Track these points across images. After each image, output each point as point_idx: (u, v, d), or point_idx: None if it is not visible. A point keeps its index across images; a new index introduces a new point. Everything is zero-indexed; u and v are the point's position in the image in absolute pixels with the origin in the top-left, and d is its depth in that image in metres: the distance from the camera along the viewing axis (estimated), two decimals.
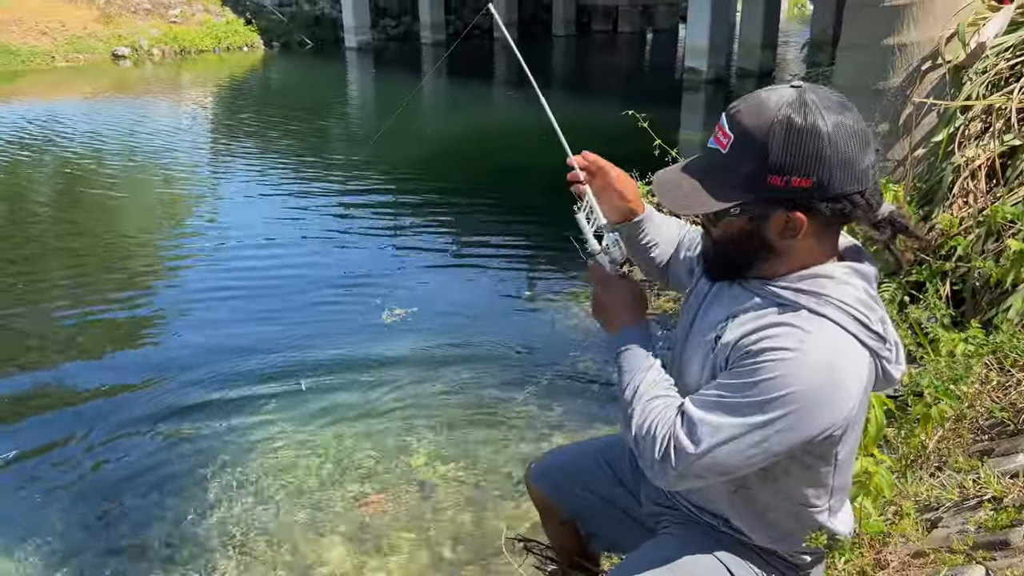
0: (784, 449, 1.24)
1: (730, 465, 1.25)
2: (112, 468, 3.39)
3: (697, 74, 15.44)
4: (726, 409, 1.23)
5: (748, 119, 1.21)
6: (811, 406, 1.20)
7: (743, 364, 1.24)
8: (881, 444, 2.45)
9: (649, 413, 1.31)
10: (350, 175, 8.89)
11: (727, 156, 1.23)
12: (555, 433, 3.56)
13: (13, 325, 4.84)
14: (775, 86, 1.25)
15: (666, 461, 1.26)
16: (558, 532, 1.97)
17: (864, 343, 1.24)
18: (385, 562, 2.81)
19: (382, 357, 4.30)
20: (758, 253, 1.29)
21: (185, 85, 17.04)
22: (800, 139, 1.17)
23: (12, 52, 18.97)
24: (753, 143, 1.20)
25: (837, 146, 1.17)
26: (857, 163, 1.19)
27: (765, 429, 1.21)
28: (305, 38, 23.48)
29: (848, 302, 1.24)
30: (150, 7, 22.29)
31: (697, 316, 1.42)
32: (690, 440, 1.24)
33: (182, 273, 5.88)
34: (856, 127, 1.19)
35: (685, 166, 1.33)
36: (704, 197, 1.26)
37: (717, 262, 1.36)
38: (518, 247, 6.37)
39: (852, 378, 1.22)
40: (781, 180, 1.19)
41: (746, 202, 1.23)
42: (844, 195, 1.20)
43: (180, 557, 2.85)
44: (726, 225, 1.29)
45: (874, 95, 3.80)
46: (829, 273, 1.26)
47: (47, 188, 8.55)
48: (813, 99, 1.19)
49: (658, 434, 1.28)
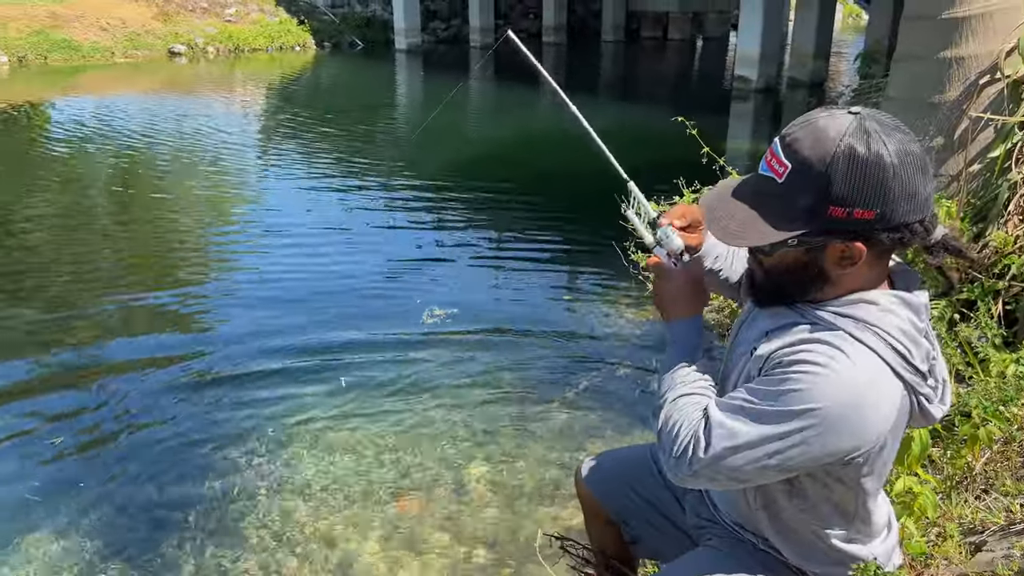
0: (799, 465, 1.23)
1: (743, 472, 1.24)
2: (153, 456, 3.47)
3: (747, 83, 15.28)
4: (747, 415, 1.23)
5: (807, 149, 1.17)
6: (832, 427, 1.18)
7: (773, 373, 1.23)
8: (926, 464, 2.41)
9: (676, 410, 1.33)
10: (395, 175, 8.98)
11: (784, 186, 1.19)
12: (592, 438, 3.55)
13: (62, 308, 4.99)
14: (831, 111, 1.20)
15: (681, 459, 1.28)
16: (601, 533, 1.97)
17: (900, 375, 1.22)
18: (419, 560, 2.84)
19: (422, 357, 4.34)
20: (812, 283, 1.26)
21: (238, 83, 17.38)
22: (864, 170, 1.13)
23: (74, 47, 19.55)
24: (813, 174, 1.16)
25: (900, 177, 1.14)
26: (920, 193, 1.17)
27: (781, 441, 1.20)
28: (356, 39, 23.78)
29: (890, 332, 1.22)
30: (207, 6, 22.78)
31: (740, 332, 1.43)
32: (705, 442, 1.25)
33: (226, 267, 6.00)
34: (918, 154, 1.16)
35: (735, 191, 1.29)
36: (761, 228, 1.22)
37: (767, 290, 1.34)
38: (559, 251, 6.37)
39: (879, 408, 1.20)
40: (843, 212, 1.16)
41: (805, 233, 1.19)
42: (906, 224, 1.18)
43: (218, 544, 2.91)
44: (781, 256, 1.26)
45: (929, 108, 3.73)
46: (874, 300, 1.24)
47: (102, 178, 8.79)
48: (875, 127, 1.15)
49: (680, 431, 1.30)
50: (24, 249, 6.24)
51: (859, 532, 1.41)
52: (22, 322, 4.84)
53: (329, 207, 7.63)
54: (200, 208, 7.68)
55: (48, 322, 4.83)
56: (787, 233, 1.20)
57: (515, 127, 12.40)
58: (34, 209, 7.37)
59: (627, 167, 1.61)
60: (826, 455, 1.21)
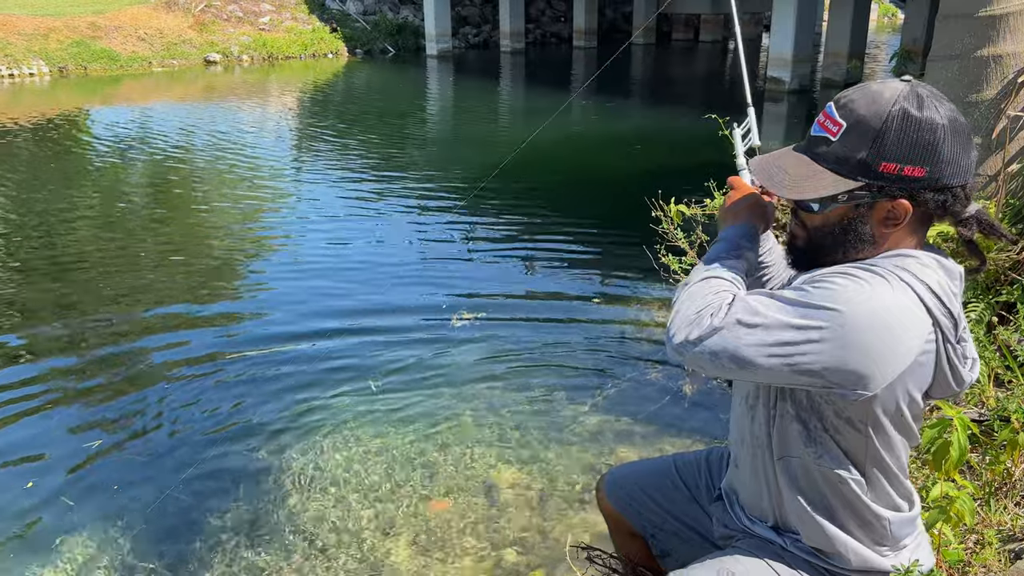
0: (806, 367, 1.20)
1: (746, 354, 1.21)
2: (185, 457, 3.52)
3: (780, 84, 15.15)
4: (773, 300, 1.23)
5: (863, 108, 1.23)
6: (852, 337, 1.17)
7: (805, 281, 1.26)
8: (964, 470, 2.37)
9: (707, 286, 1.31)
10: (427, 178, 9.04)
11: (838, 143, 1.25)
12: (622, 444, 3.54)
13: (100, 310, 5.09)
14: (884, 79, 1.28)
15: (693, 324, 1.25)
16: (626, 544, 1.95)
17: (933, 315, 1.23)
18: (448, 562, 2.84)
19: (451, 361, 4.35)
20: (853, 245, 1.30)
21: (272, 90, 17.62)
22: (918, 129, 1.20)
23: (113, 57, 19.98)
24: (868, 130, 1.22)
25: (949, 140, 1.20)
26: (965, 157, 1.23)
27: (798, 332, 1.19)
28: (388, 46, 23.99)
29: (927, 279, 1.24)
30: (242, 15, 23.14)
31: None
32: (724, 312, 1.23)
33: (259, 269, 6.07)
34: (964, 123, 1.23)
35: (784, 151, 1.34)
36: (815, 181, 1.27)
37: (809, 250, 1.36)
38: (590, 253, 6.36)
39: (903, 337, 1.20)
40: (895, 168, 1.21)
41: (856, 188, 1.24)
42: (949, 187, 1.23)
43: (250, 544, 2.94)
44: (828, 214, 1.30)
45: (966, 108, 3.66)
46: (912, 254, 1.27)
47: (141, 182, 8.96)
48: (926, 93, 1.22)
49: (700, 301, 1.27)
50: (65, 253, 6.37)
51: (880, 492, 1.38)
52: (62, 323, 4.95)
53: (361, 211, 7.70)
54: (235, 212, 7.79)
55: (86, 323, 4.93)
56: (839, 184, 1.25)
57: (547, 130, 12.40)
58: (77, 212, 7.55)
59: (663, 168, 1.63)
60: (835, 368, 1.19)
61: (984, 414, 2.56)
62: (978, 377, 2.74)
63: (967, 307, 3.09)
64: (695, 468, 1.78)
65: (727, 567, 1.48)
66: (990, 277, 3.19)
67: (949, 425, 1.77)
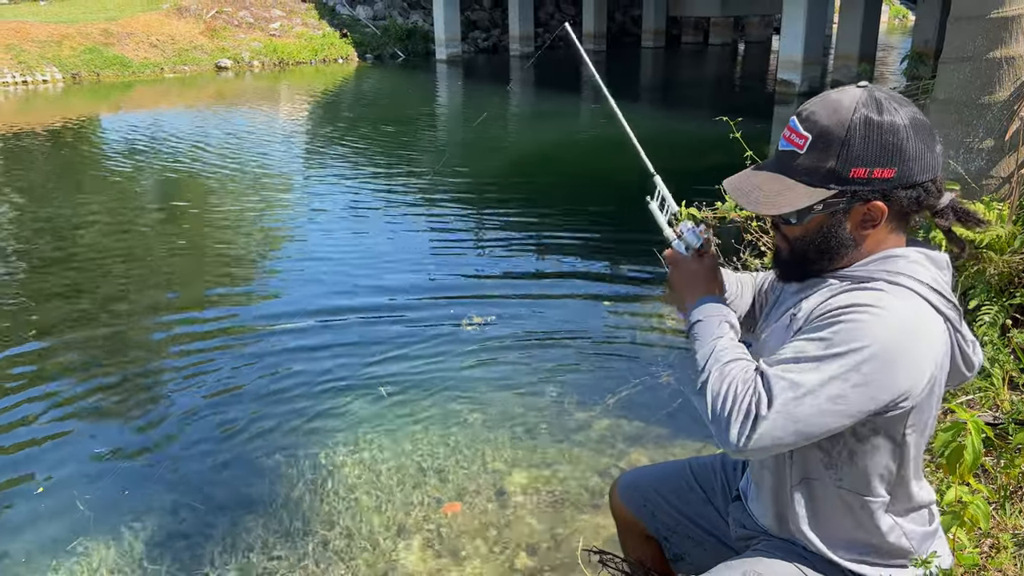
0: (859, 409, 1.22)
1: (808, 423, 1.22)
2: (199, 462, 3.54)
3: (790, 86, 15.11)
4: (803, 363, 1.23)
5: (825, 118, 1.27)
6: (889, 362, 1.20)
7: (821, 321, 1.26)
8: (978, 474, 2.35)
9: (726, 377, 1.29)
10: (434, 182, 9.05)
11: (806, 155, 1.28)
12: (633, 448, 3.53)
13: (114, 314, 5.12)
14: (842, 88, 1.31)
15: (745, 423, 1.23)
16: (638, 547, 1.94)
17: (940, 311, 1.27)
18: (460, 566, 2.84)
19: (461, 365, 4.36)
20: (837, 251, 1.33)
21: (282, 95, 17.71)
22: (881, 132, 1.23)
23: (126, 64, 20.12)
24: (834, 139, 1.25)
25: (913, 138, 1.24)
26: (931, 151, 1.26)
27: (842, 382, 1.20)
28: (397, 50, 24.07)
29: (922, 278, 1.28)
30: (252, 21, 23.26)
31: (772, 312, 1.48)
32: (768, 398, 1.22)
33: (269, 275, 6.10)
34: (924, 120, 1.26)
35: (755, 168, 1.37)
36: (790, 195, 1.30)
37: (793, 262, 1.39)
38: (600, 257, 6.35)
39: (929, 340, 1.25)
40: (865, 172, 1.25)
41: (830, 196, 1.27)
42: (920, 183, 1.27)
43: (263, 548, 2.95)
44: (807, 224, 1.33)
45: (978, 110, 3.65)
46: (901, 254, 1.31)
47: (153, 187, 9.02)
48: (883, 97, 1.26)
49: (736, 395, 1.26)
50: (78, 258, 6.41)
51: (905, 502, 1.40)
52: (71, 325, 4.98)
53: (370, 215, 7.72)
54: (245, 216, 7.83)
55: (96, 325, 4.96)
56: (813, 195, 1.28)
57: (555, 133, 12.41)
58: (88, 215, 7.60)
59: (668, 171, 1.62)
60: (884, 395, 1.22)
61: (999, 417, 2.55)
62: (993, 380, 2.74)
63: (981, 310, 3.07)
64: (710, 471, 1.78)
65: (753, 568, 1.48)
66: (1004, 280, 3.17)
67: (963, 429, 1.76)
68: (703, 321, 1.40)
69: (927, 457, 2.50)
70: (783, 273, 1.43)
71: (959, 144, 3.66)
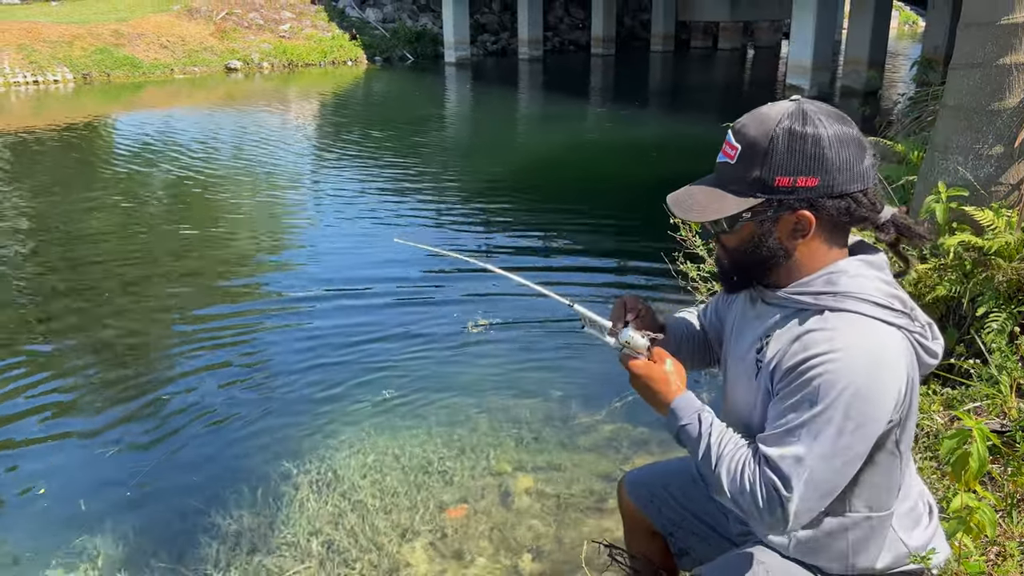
0: (865, 447, 1.27)
1: (831, 482, 1.28)
2: (203, 461, 3.55)
3: (799, 92, 15.02)
4: (797, 435, 1.26)
5: (752, 130, 1.31)
6: (869, 396, 1.24)
7: (789, 383, 1.29)
8: (984, 481, 2.34)
9: (734, 473, 1.32)
10: (443, 184, 9.07)
11: (735, 165, 1.33)
12: (638, 452, 3.53)
13: (121, 314, 5.15)
14: (775, 102, 1.36)
15: (774, 511, 1.28)
16: (644, 543, 1.97)
17: (891, 323, 1.30)
18: (465, 568, 2.84)
19: (467, 367, 4.36)
20: (772, 258, 1.36)
21: (291, 97, 17.76)
22: (803, 142, 1.27)
23: (136, 64, 20.22)
24: (759, 149, 1.30)
25: (837, 149, 1.27)
26: (857, 163, 1.29)
27: (842, 437, 1.25)
28: (406, 53, 24.13)
29: (865, 291, 1.30)
30: (262, 22, 23.35)
31: (732, 342, 1.51)
32: (782, 481, 1.26)
33: (275, 275, 6.12)
34: (854, 133, 1.30)
35: (695, 182, 1.42)
36: (717, 204, 1.35)
37: (733, 271, 1.43)
38: (606, 260, 6.35)
39: (893, 357, 1.28)
40: (788, 180, 1.29)
41: (758, 204, 1.32)
42: (847, 193, 1.29)
43: (266, 549, 2.96)
44: (739, 232, 1.36)
45: (987, 116, 3.64)
46: (842, 269, 1.33)
47: (162, 187, 9.05)
48: (811, 108, 1.30)
49: (755, 488, 1.29)
50: (85, 256, 6.45)
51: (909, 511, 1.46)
52: (78, 323, 5.01)
53: (377, 216, 7.74)
54: (253, 215, 7.86)
55: (103, 325, 4.99)
56: (741, 203, 1.32)
57: (564, 137, 12.41)
58: (99, 217, 7.63)
59: (676, 175, 1.63)
60: (878, 424, 1.27)
61: (1006, 425, 2.54)
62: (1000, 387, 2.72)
63: (989, 317, 3.06)
64: None
65: (759, 558, 1.50)
66: (1012, 287, 3.16)
67: (969, 436, 1.76)
68: (687, 425, 1.41)
69: (933, 464, 2.50)
70: (726, 284, 1.48)
71: (968, 150, 3.65)
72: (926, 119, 7.58)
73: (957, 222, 3.42)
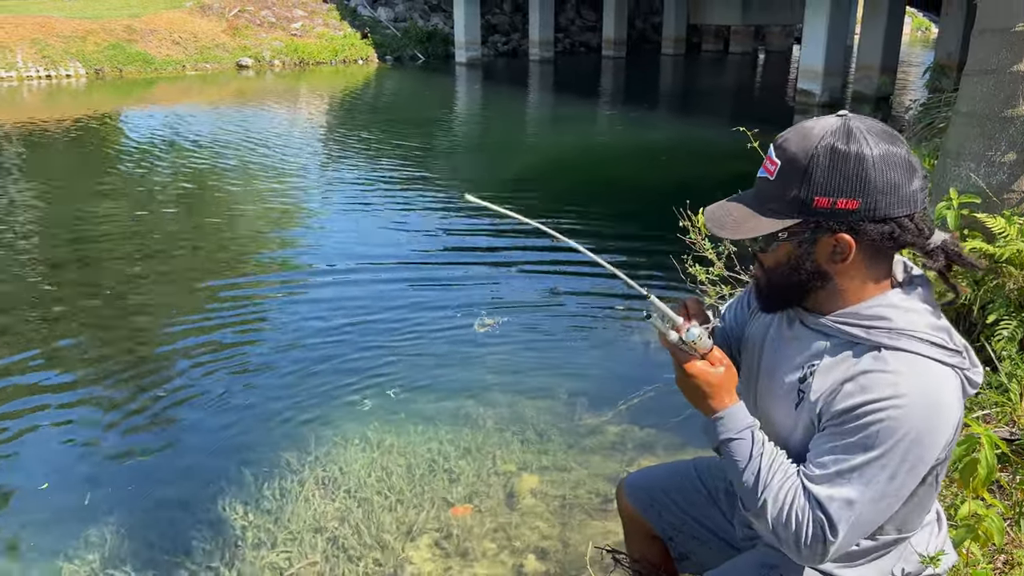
0: (913, 484, 1.26)
1: (873, 524, 1.28)
2: (208, 456, 3.57)
3: (810, 97, 15.04)
4: (850, 478, 1.23)
5: (794, 146, 1.25)
6: (925, 439, 1.22)
7: (843, 424, 1.25)
8: (993, 489, 2.33)
9: (780, 502, 1.28)
10: (452, 184, 9.07)
11: (774, 182, 1.27)
12: (644, 454, 3.52)
13: (128, 309, 5.17)
14: (821, 116, 1.28)
15: (813, 550, 1.27)
16: (643, 546, 1.95)
17: (946, 363, 1.25)
18: (469, 568, 2.85)
19: (473, 367, 4.36)
20: (810, 280, 1.30)
21: (302, 94, 17.80)
22: (845, 161, 1.21)
23: (148, 60, 20.31)
24: (799, 167, 1.24)
25: (882, 170, 1.20)
26: (903, 186, 1.22)
27: (894, 480, 1.23)
28: (417, 52, 24.16)
29: (919, 329, 1.25)
30: (274, 20, 23.41)
31: (761, 355, 1.45)
32: (829, 523, 1.24)
33: (283, 273, 6.13)
34: (902, 154, 1.22)
35: (733, 196, 1.36)
36: (754, 222, 1.29)
37: (769, 291, 1.38)
38: (614, 261, 6.32)
39: (950, 400, 1.24)
40: (828, 201, 1.22)
41: (794, 225, 1.26)
42: (891, 218, 1.22)
43: (272, 545, 2.97)
44: (776, 251, 1.32)
45: (1000, 123, 3.62)
46: (893, 303, 1.28)
47: (171, 183, 9.08)
48: (858, 127, 1.23)
49: (800, 523, 1.27)
50: (93, 253, 6.48)
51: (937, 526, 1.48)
52: (84, 317, 5.03)
53: (384, 217, 7.75)
54: (261, 213, 7.88)
55: (108, 320, 5.01)
56: (777, 223, 1.27)
57: (573, 139, 12.41)
58: (109, 211, 7.67)
59: (685, 178, 1.62)
60: (927, 464, 1.25)
61: (1015, 433, 2.53)
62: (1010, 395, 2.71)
63: (999, 324, 3.05)
64: (715, 472, 1.79)
65: (769, 562, 1.49)
66: (1023, 295, 3.15)
67: (977, 443, 1.75)
68: (737, 440, 1.34)
69: None
70: (762, 303, 1.42)
71: (981, 157, 3.63)
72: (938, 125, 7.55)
73: (968, 229, 3.41)
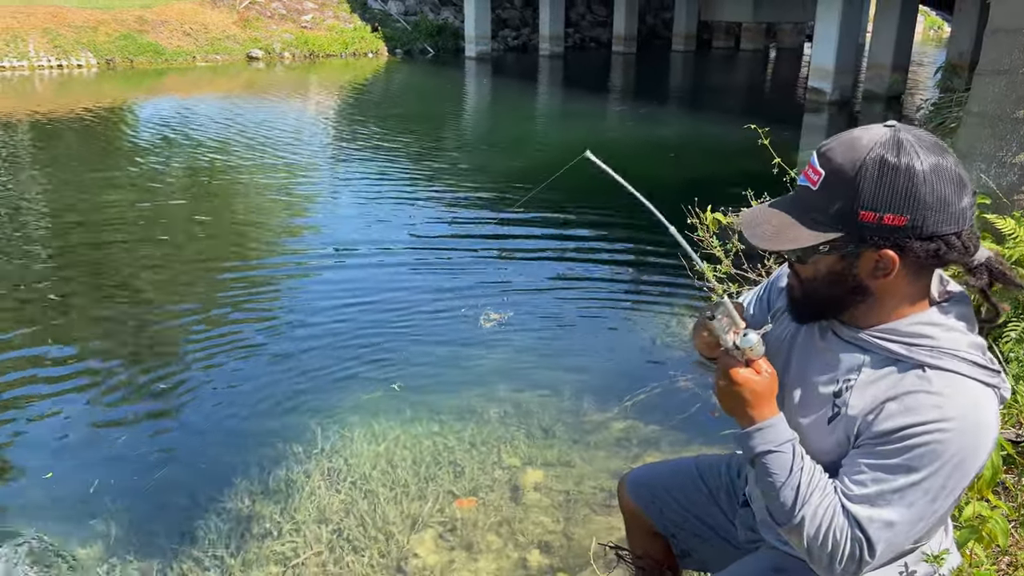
0: (949, 507, 1.25)
1: (908, 543, 1.28)
2: (214, 449, 3.59)
3: (820, 95, 14.97)
4: (891, 499, 1.21)
5: (840, 156, 1.20)
6: (967, 463, 1.20)
7: (885, 444, 1.22)
8: (998, 491, 2.33)
9: (818, 520, 1.25)
10: (460, 179, 9.07)
11: (817, 193, 1.22)
12: (648, 451, 3.53)
13: (136, 299, 5.19)
14: (869, 126, 1.23)
15: (846, 569, 1.25)
16: (645, 543, 1.96)
17: (986, 383, 1.23)
18: (473, 561, 2.86)
19: (479, 362, 4.37)
20: (849, 295, 1.26)
21: (312, 87, 17.81)
22: (894, 176, 1.15)
23: (159, 51, 20.34)
24: (844, 179, 1.18)
25: (932, 185, 1.15)
26: (953, 203, 1.17)
27: (935, 503, 1.22)
28: (427, 46, 24.14)
29: (961, 349, 1.22)
30: (285, 12, 23.42)
31: (787, 362, 1.40)
32: (868, 543, 1.23)
33: (288, 265, 6.14)
34: (953, 168, 1.17)
35: (772, 203, 1.31)
36: (793, 233, 1.24)
37: (804, 302, 1.33)
38: (623, 261, 6.34)
39: (991, 421, 1.22)
40: (874, 216, 1.17)
41: (837, 238, 1.21)
42: (939, 235, 1.18)
43: (277, 536, 2.98)
44: (815, 263, 1.27)
45: (1012, 124, 3.61)
46: (934, 321, 1.25)
47: (180, 174, 9.10)
48: (908, 138, 1.17)
49: (838, 542, 1.24)
50: (103, 240, 6.50)
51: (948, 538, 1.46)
52: (93, 307, 5.05)
53: (392, 210, 7.75)
54: (271, 205, 7.90)
55: (116, 311, 5.04)
56: (819, 236, 1.22)
57: (583, 134, 12.39)
58: (118, 201, 7.70)
59: (694, 175, 1.61)
60: (963, 486, 1.23)
61: (1021, 435, 2.52)
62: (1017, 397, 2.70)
63: (1007, 326, 3.04)
64: (716, 471, 1.79)
65: (779, 566, 1.49)
66: None
67: None
68: (777, 453, 1.29)
69: None
70: (795, 314, 1.38)
71: (991, 158, 3.62)
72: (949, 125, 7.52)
73: (978, 230, 3.39)
